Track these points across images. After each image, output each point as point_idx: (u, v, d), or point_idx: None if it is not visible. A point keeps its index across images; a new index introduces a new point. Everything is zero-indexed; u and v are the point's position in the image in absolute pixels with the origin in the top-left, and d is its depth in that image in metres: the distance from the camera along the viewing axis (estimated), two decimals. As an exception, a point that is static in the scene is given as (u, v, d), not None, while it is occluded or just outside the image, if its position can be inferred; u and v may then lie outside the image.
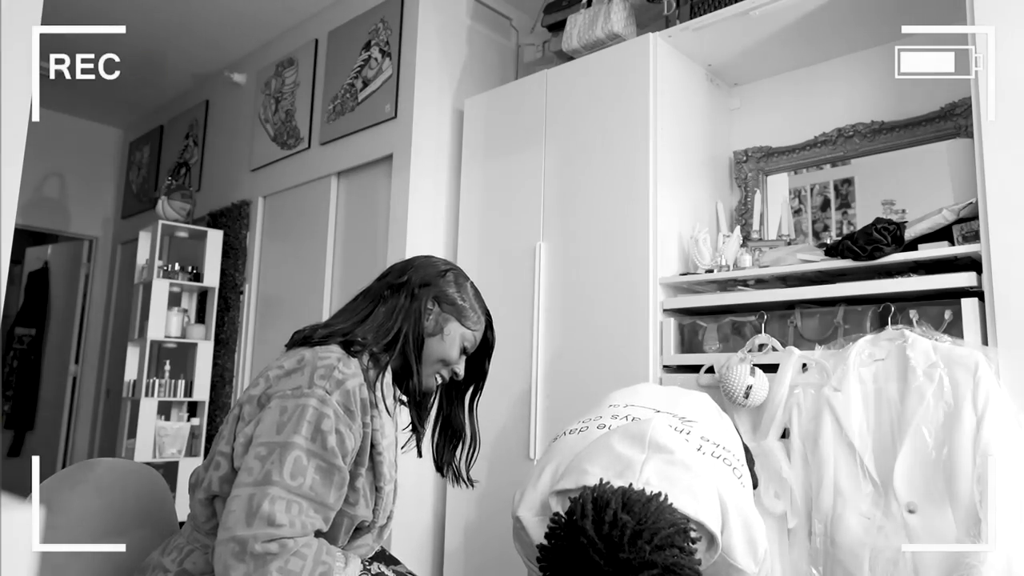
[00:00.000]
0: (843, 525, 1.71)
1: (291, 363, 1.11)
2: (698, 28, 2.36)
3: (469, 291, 1.31)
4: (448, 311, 1.26)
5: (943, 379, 1.64)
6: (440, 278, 1.28)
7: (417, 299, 1.24)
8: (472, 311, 1.29)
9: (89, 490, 1.23)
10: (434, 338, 1.25)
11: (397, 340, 1.20)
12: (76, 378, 5.06)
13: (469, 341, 1.29)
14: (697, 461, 1.20)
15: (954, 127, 2.18)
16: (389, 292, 1.25)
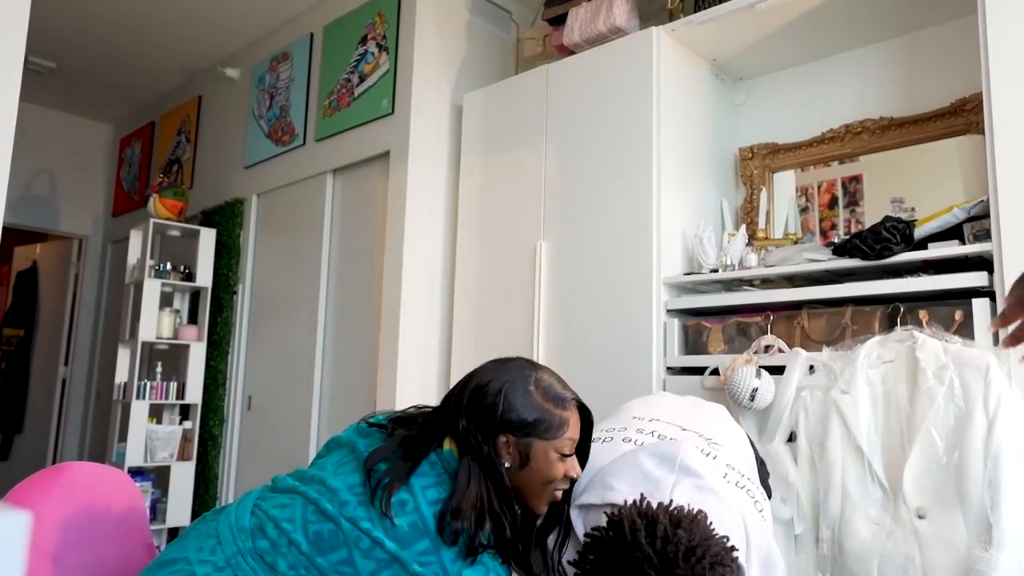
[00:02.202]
0: (851, 531, 1.71)
1: None
2: (703, 22, 2.36)
3: (537, 398, 1.17)
4: (524, 434, 1.15)
5: (953, 381, 1.64)
6: (498, 407, 1.14)
7: (488, 441, 1.13)
8: (548, 419, 1.16)
9: (62, 494, 1.22)
10: (524, 470, 1.15)
11: (497, 504, 1.12)
12: (65, 380, 5.06)
13: (566, 447, 1.17)
14: (724, 489, 1.20)
15: (965, 123, 2.18)
16: (468, 442, 1.14)
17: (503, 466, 1.13)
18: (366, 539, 1.06)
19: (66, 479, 1.25)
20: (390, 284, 2.92)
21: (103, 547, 1.22)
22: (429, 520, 1.08)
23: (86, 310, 5.13)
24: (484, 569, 1.09)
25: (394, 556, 1.06)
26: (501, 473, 1.13)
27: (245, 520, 1.12)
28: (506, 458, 1.14)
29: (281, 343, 3.51)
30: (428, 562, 1.06)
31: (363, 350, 3.08)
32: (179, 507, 3.56)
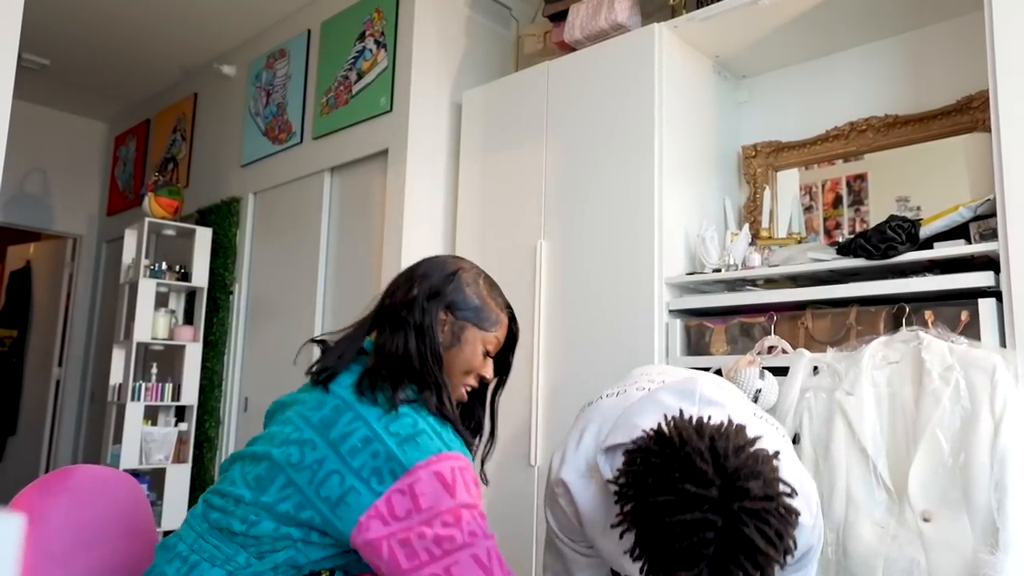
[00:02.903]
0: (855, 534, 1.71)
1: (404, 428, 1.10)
2: (705, 18, 2.36)
3: (483, 289, 1.26)
4: (463, 317, 1.22)
5: (959, 382, 1.64)
6: (448, 284, 1.23)
7: (427, 313, 1.20)
8: (489, 311, 1.24)
9: (68, 499, 1.23)
10: (452, 350, 1.21)
11: (421, 364, 1.17)
12: (59, 381, 5.06)
13: (492, 344, 1.25)
14: (745, 417, 1.21)
15: (971, 121, 2.18)
16: (405, 312, 1.21)
17: (438, 340, 1.19)
18: (295, 452, 1.08)
19: (73, 483, 1.25)
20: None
21: (111, 550, 1.23)
22: (350, 397, 1.13)
23: (80, 310, 5.13)
24: (411, 419, 1.10)
25: (324, 444, 1.08)
26: (437, 340, 1.19)
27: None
28: (440, 334, 1.20)
29: (278, 344, 3.51)
30: (354, 428, 1.08)
31: (361, 351, 3.08)
32: (174, 510, 3.56)
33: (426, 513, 1.01)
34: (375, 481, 1.04)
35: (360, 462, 1.05)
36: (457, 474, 1.05)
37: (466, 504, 1.03)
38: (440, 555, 0.99)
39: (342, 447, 1.07)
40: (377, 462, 1.05)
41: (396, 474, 1.04)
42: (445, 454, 1.07)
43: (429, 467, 1.04)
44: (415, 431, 1.08)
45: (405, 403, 1.12)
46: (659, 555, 0.98)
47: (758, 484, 0.97)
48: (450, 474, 1.05)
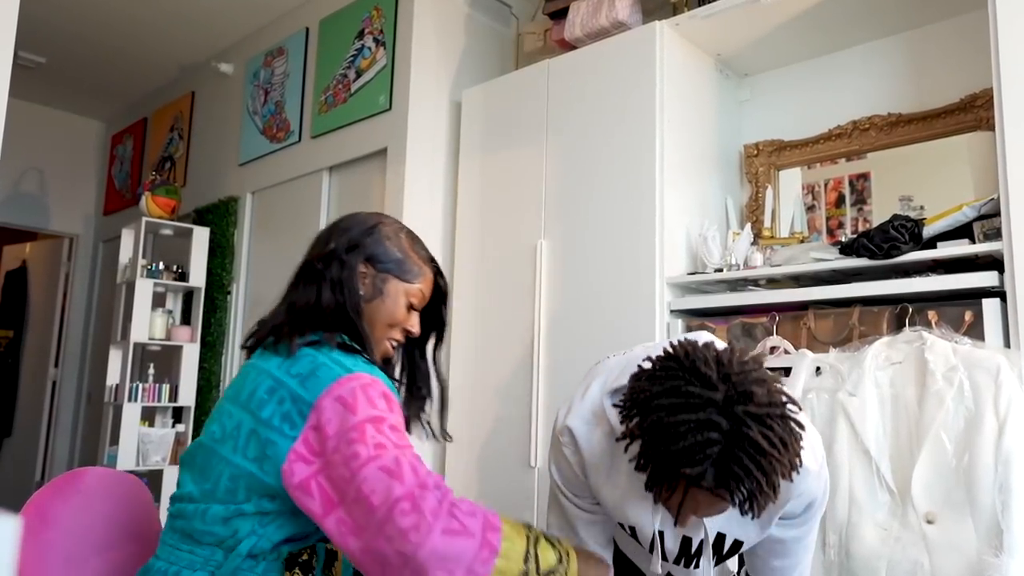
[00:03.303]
0: (858, 536, 1.71)
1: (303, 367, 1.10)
2: (707, 16, 2.36)
3: (404, 242, 1.25)
4: (384, 269, 1.22)
5: (963, 383, 1.64)
6: (368, 236, 1.22)
7: (347, 266, 1.19)
8: (411, 263, 1.24)
9: (79, 501, 1.24)
10: (374, 302, 1.21)
11: (337, 315, 1.16)
12: (56, 382, 5.06)
13: (416, 296, 1.24)
14: None
15: (975, 119, 2.18)
16: (322, 265, 1.20)
17: (357, 292, 1.19)
18: (217, 428, 1.10)
19: (84, 485, 1.26)
20: (387, 284, 2.92)
21: (123, 555, 1.24)
22: (256, 357, 1.14)
23: (77, 310, 5.13)
24: (311, 358, 1.09)
25: (237, 409, 1.09)
26: (356, 292, 1.18)
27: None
28: (361, 286, 1.20)
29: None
30: (259, 383, 1.09)
31: (360, 351, 3.08)
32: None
33: (335, 439, 0.99)
34: (288, 427, 1.03)
35: (269, 412, 1.05)
36: (359, 392, 1.03)
37: (370, 418, 1.01)
38: (350, 476, 0.96)
39: (251, 405, 1.07)
40: (285, 407, 1.05)
41: (304, 413, 1.03)
42: (345, 378, 1.05)
43: (331, 394, 1.03)
44: (315, 366, 1.07)
45: (304, 346, 1.12)
46: (663, 458, 0.98)
47: (762, 391, 0.98)
48: (350, 394, 1.03)
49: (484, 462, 2.66)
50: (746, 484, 0.96)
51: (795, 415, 1.00)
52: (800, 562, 1.26)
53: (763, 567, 1.28)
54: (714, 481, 0.96)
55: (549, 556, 1.01)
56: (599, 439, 1.23)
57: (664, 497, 1.04)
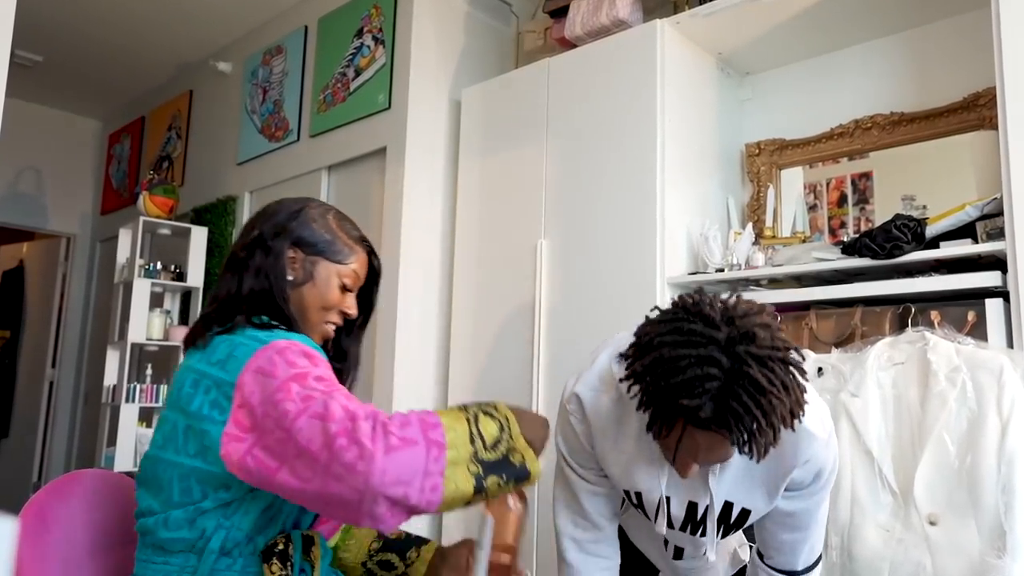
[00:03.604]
0: (861, 537, 1.71)
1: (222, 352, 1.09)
2: (708, 14, 2.36)
3: (332, 223, 1.24)
4: (313, 252, 1.20)
5: (966, 384, 1.64)
6: (293, 220, 1.21)
7: (274, 251, 1.18)
8: (341, 244, 1.22)
9: (77, 504, 1.24)
10: (305, 286, 1.19)
11: (275, 306, 1.15)
12: (53, 383, 5.06)
13: (348, 277, 1.23)
14: None
15: (978, 118, 2.18)
16: (245, 254, 1.19)
17: (286, 278, 1.18)
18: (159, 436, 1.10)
19: (83, 487, 1.26)
20: (386, 284, 2.92)
21: (119, 555, 1.23)
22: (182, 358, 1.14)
23: (74, 311, 5.13)
24: (226, 342, 1.09)
25: (170, 411, 1.09)
26: (282, 277, 1.17)
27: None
28: (290, 271, 1.19)
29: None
30: (183, 379, 1.09)
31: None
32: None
33: (262, 407, 0.99)
34: (217, 413, 1.03)
35: (198, 404, 1.05)
36: (276, 358, 1.03)
37: (292, 376, 1.00)
38: (286, 436, 0.95)
39: (180, 403, 1.07)
40: (211, 395, 1.04)
41: (230, 395, 1.03)
42: (261, 349, 1.04)
43: (249, 369, 1.03)
44: (232, 347, 1.07)
45: (218, 334, 1.11)
46: (663, 392, 0.99)
47: (766, 334, 0.98)
48: (268, 362, 1.02)
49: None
50: (745, 422, 0.96)
51: (797, 362, 1.01)
52: (811, 535, 1.24)
53: (772, 540, 1.27)
54: (712, 414, 0.96)
55: (491, 428, 1.01)
56: (607, 405, 1.23)
57: (663, 438, 1.05)
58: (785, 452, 1.15)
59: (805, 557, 1.25)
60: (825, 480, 1.21)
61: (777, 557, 1.26)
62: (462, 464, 0.96)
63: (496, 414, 1.04)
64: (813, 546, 1.25)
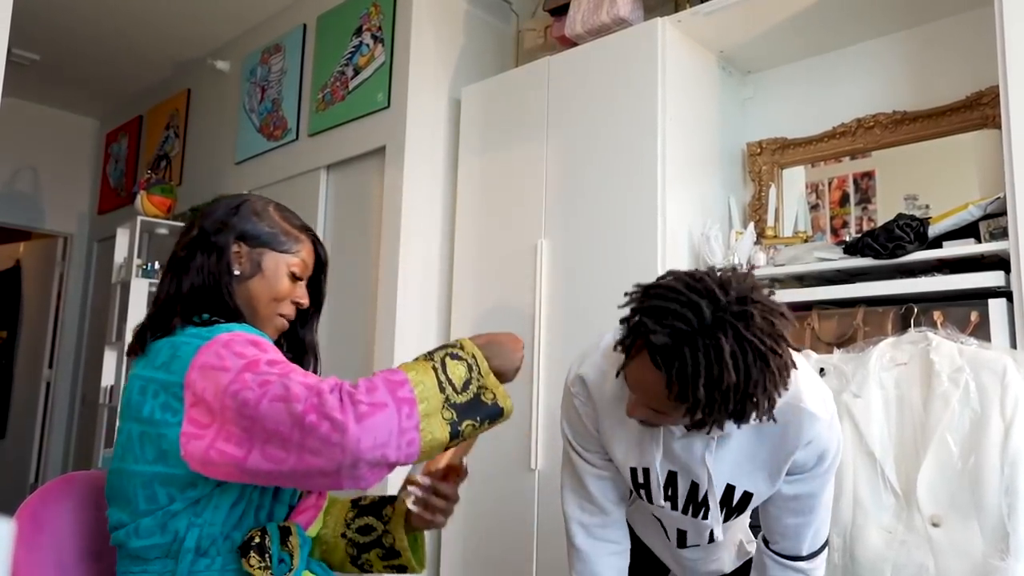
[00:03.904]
0: (863, 539, 1.71)
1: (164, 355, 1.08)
2: (709, 12, 2.36)
3: (273, 214, 1.24)
4: (258, 244, 1.20)
5: (969, 384, 1.64)
6: (234, 215, 1.20)
7: (218, 247, 1.17)
8: (285, 234, 1.22)
9: (72, 506, 1.23)
10: (253, 279, 1.19)
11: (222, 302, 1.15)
12: (50, 384, 5.06)
13: (297, 266, 1.23)
14: None
15: (981, 117, 2.18)
16: (186, 253, 1.18)
17: (232, 273, 1.17)
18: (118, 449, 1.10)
19: (77, 490, 1.26)
20: (386, 284, 2.92)
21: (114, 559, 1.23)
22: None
23: (71, 311, 5.13)
24: (168, 344, 1.08)
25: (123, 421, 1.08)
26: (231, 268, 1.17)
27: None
28: (236, 266, 1.18)
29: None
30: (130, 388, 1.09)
31: (358, 352, 3.08)
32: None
33: (218, 400, 0.99)
34: (170, 415, 1.03)
35: (148, 409, 1.05)
36: (222, 351, 1.02)
37: (243, 366, 1.00)
38: (250, 423, 0.96)
39: (131, 411, 1.07)
40: (159, 399, 1.04)
41: (180, 396, 1.02)
42: (204, 346, 1.04)
43: (195, 366, 1.02)
44: (174, 349, 1.07)
45: (158, 339, 1.11)
46: (639, 313, 1.06)
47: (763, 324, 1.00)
48: (215, 356, 1.02)
49: (484, 464, 2.66)
50: (683, 373, 0.98)
51: (778, 366, 1.01)
52: (815, 519, 1.24)
53: (777, 525, 1.27)
54: (660, 346, 0.99)
55: (460, 371, 1.02)
56: (612, 386, 1.25)
57: (624, 363, 1.10)
58: (788, 433, 1.16)
59: (810, 542, 1.25)
60: (829, 464, 1.21)
61: (782, 542, 1.26)
62: (435, 414, 0.97)
63: (463, 354, 1.05)
64: (818, 531, 1.25)
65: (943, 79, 2.29)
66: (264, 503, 1.13)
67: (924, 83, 2.34)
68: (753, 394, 1.00)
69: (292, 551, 1.11)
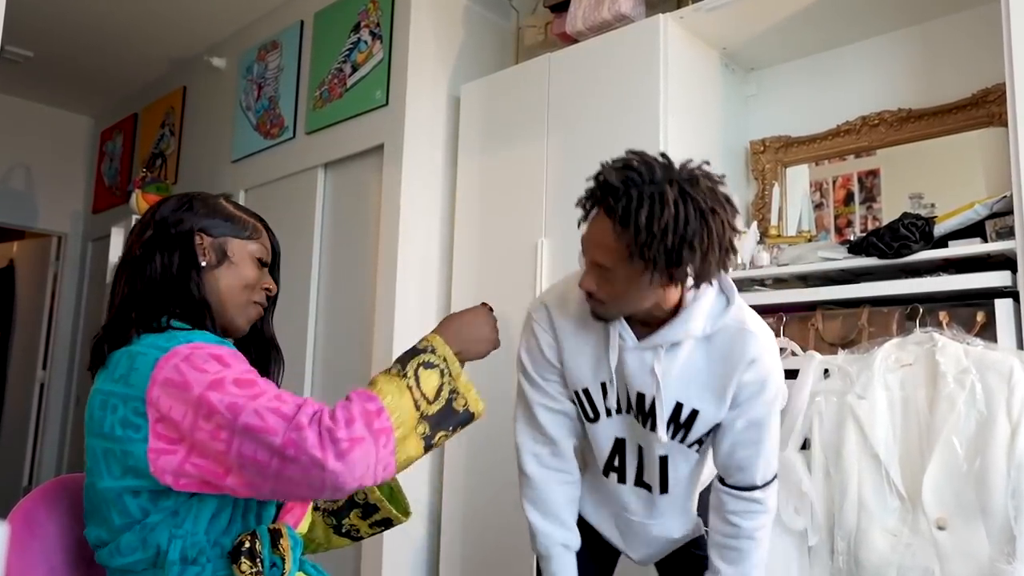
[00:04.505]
0: (868, 542, 1.71)
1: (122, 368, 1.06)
2: (712, 9, 2.36)
3: (227, 206, 1.25)
4: (220, 234, 1.20)
5: (975, 386, 1.65)
6: (188, 210, 1.19)
7: (179, 242, 1.16)
8: (242, 222, 1.24)
9: (66, 509, 1.23)
10: (221, 268, 1.18)
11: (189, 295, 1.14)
12: (44, 385, 5.06)
13: (260, 252, 1.24)
14: None
15: (987, 115, 2.18)
16: (144, 253, 1.16)
17: (198, 265, 1.17)
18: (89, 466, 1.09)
19: (72, 493, 1.25)
20: (384, 284, 2.93)
21: None
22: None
23: (65, 311, 5.13)
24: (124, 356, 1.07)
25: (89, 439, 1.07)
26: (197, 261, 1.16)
27: None
28: (201, 257, 1.17)
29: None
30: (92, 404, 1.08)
31: (356, 352, 3.08)
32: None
33: (187, 419, 0.98)
34: (132, 431, 1.02)
35: (109, 424, 1.03)
36: (183, 367, 1.01)
37: (208, 385, 0.99)
38: (224, 449, 0.96)
39: (93, 427, 1.06)
40: (118, 413, 1.03)
41: (141, 411, 1.01)
42: (163, 359, 1.02)
43: (156, 382, 1.01)
44: (131, 360, 1.05)
45: (115, 349, 1.10)
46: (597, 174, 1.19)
47: (707, 189, 1.18)
48: (176, 372, 1.00)
49: (483, 466, 2.66)
50: (630, 206, 1.12)
51: (722, 219, 1.17)
52: (764, 449, 1.34)
53: (731, 460, 1.36)
54: (611, 185, 1.15)
55: (433, 380, 1.05)
56: (573, 309, 1.38)
57: (584, 225, 1.23)
58: (732, 352, 1.29)
59: (762, 472, 1.35)
60: (773, 394, 1.32)
61: (737, 475, 1.36)
62: (410, 434, 1.01)
63: (435, 359, 1.07)
64: (769, 461, 1.35)
65: (949, 76, 2.29)
66: (251, 505, 1.13)
67: (930, 80, 2.34)
68: (690, 240, 1.13)
69: (284, 554, 1.11)
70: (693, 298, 1.29)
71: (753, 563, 1.35)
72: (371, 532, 1.33)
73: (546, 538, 1.43)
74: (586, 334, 1.37)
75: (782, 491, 1.84)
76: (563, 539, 1.44)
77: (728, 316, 1.31)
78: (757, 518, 1.35)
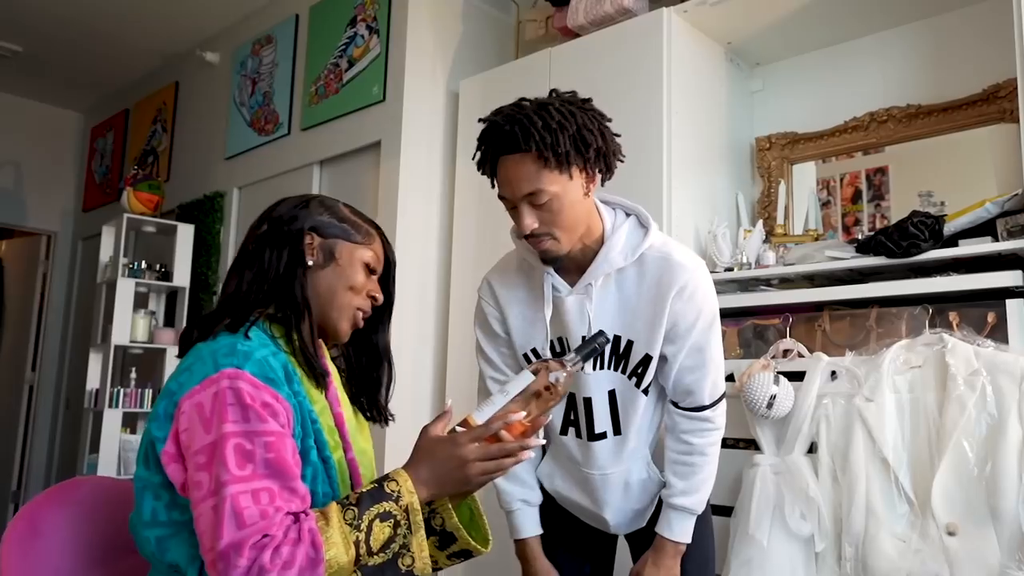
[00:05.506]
0: (876, 548, 1.71)
1: (187, 362, 1.08)
2: (716, 2, 2.36)
3: (344, 210, 1.25)
4: (331, 235, 1.20)
5: (986, 388, 1.65)
6: (304, 209, 1.21)
7: (289, 240, 1.18)
8: (356, 227, 1.23)
9: (74, 512, 1.23)
10: (327, 269, 1.19)
11: (291, 293, 1.14)
12: (33, 387, 5.06)
13: (370, 259, 1.23)
14: None
15: (998, 111, 2.18)
16: (256, 248, 1.18)
17: (305, 264, 1.17)
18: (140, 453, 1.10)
19: (79, 496, 1.25)
20: (381, 284, 2.92)
21: (116, 568, 1.22)
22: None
23: (55, 311, 5.13)
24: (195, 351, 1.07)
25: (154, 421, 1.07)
26: (304, 259, 1.17)
27: None
28: (309, 256, 1.18)
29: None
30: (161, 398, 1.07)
31: (352, 355, 3.08)
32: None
33: (190, 456, 0.99)
34: (155, 427, 1.03)
35: (154, 412, 1.05)
36: (214, 402, 1.00)
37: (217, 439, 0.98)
38: (194, 503, 0.97)
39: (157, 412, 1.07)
40: (159, 407, 1.04)
41: (170, 412, 1.02)
42: (208, 380, 1.01)
43: (192, 398, 1.01)
44: (193, 360, 1.05)
45: (198, 340, 1.10)
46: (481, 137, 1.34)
47: (577, 102, 1.39)
48: (208, 401, 1.00)
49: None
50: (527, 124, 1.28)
51: (594, 112, 1.41)
52: (709, 372, 1.46)
53: (680, 386, 1.46)
54: (501, 119, 1.30)
55: (384, 533, 1.02)
56: (512, 278, 1.51)
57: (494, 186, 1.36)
58: (661, 282, 1.40)
59: (709, 392, 1.46)
60: (709, 321, 1.45)
61: (687, 399, 1.47)
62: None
63: (395, 510, 1.03)
64: (715, 382, 1.47)
65: (958, 72, 2.29)
66: None
67: (939, 76, 2.34)
68: (585, 126, 1.33)
69: None
70: (611, 230, 1.42)
71: (702, 477, 1.47)
72: (448, 563, 1.22)
73: (508, 495, 1.55)
74: (526, 295, 1.49)
75: (789, 496, 1.84)
76: (522, 495, 1.56)
77: (648, 244, 1.42)
78: (708, 435, 1.47)
